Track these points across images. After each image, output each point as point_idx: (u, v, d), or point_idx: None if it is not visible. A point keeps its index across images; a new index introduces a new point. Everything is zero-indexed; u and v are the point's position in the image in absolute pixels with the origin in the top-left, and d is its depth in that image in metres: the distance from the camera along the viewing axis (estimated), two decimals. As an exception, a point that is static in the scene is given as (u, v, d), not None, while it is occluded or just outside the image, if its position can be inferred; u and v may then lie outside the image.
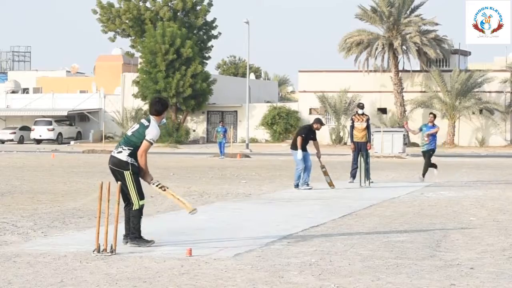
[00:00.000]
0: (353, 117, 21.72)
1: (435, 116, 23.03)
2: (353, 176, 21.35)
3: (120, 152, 10.27)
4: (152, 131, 10.25)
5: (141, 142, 10.21)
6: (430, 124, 22.47)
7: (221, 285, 8.10)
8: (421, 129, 22.54)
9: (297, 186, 19.53)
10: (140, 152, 10.20)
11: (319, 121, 19.81)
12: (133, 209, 10.25)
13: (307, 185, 19.45)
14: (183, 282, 8.22)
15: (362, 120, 21.45)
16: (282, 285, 8.12)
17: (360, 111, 21.74)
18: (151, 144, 10.25)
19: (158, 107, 10.44)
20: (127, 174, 10.19)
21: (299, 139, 19.46)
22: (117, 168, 10.25)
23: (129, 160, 10.22)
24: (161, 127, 10.71)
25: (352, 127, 21.57)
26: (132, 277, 8.45)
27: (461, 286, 8.12)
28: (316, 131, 19.92)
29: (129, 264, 9.20)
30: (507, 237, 11.46)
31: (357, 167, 21.11)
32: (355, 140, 21.41)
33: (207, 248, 10.19)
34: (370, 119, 22.22)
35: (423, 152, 22.60)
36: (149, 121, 10.41)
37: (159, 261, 9.36)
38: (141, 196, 10.24)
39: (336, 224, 12.93)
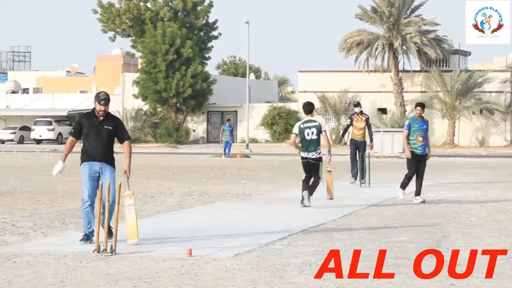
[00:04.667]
0: (352, 116, 21.65)
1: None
2: (355, 176, 21.31)
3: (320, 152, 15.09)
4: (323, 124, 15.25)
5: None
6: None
7: (221, 285, 8.10)
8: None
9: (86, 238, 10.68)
10: (327, 140, 15.08)
11: (95, 98, 10.90)
12: (318, 180, 15.16)
13: (87, 238, 10.67)
14: (183, 282, 8.23)
15: (361, 119, 21.37)
16: (282, 285, 8.12)
17: (357, 110, 21.61)
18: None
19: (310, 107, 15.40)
20: (321, 164, 15.16)
21: (68, 142, 11.01)
22: (318, 161, 15.14)
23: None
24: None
25: (348, 125, 21.64)
26: (132, 277, 8.45)
27: (461, 286, 8.12)
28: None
29: (129, 264, 9.20)
30: (507, 237, 11.46)
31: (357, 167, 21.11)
32: (354, 138, 21.39)
33: (207, 248, 10.19)
34: (370, 119, 22.18)
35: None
36: (314, 120, 15.10)
37: (159, 261, 9.36)
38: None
39: (336, 224, 12.93)
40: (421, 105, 16.68)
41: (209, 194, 18.09)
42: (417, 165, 16.34)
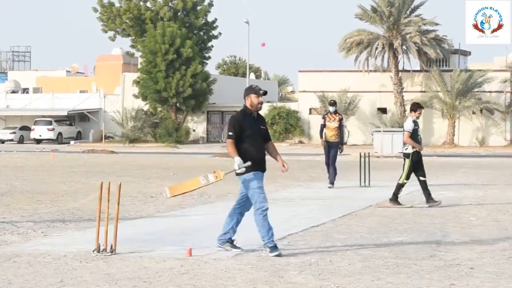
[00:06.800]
0: (325, 116, 20.73)
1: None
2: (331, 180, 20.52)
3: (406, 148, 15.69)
4: (406, 125, 15.70)
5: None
6: None
7: (221, 285, 8.10)
8: None
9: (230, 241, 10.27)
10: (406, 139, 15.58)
11: (250, 91, 11.06)
12: (399, 181, 15.66)
13: (276, 247, 9.85)
14: (183, 282, 8.23)
15: (334, 119, 20.42)
16: (282, 285, 8.13)
17: (331, 109, 20.73)
18: (409, 132, 15.50)
19: (412, 107, 15.89)
20: (407, 160, 15.61)
21: (230, 145, 10.15)
22: (403, 157, 15.76)
23: (410, 151, 15.58)
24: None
25: (324, 126, 20.52)
26: (132, 277, 8.45)
27: (461, 286, 8.12)
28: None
29: (129, 264, 9.20)
30: (507, 237, 11.46)
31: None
32: (326, 139, 20.44)
33: (207, 248, 10.19)
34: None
35: None
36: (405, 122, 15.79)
37: (159, 261, 9.36)
38: (407, 177, 15.62)
39: (336, 224, 12.93)
40: None
41: (209, 194, 18.08)
42: None
